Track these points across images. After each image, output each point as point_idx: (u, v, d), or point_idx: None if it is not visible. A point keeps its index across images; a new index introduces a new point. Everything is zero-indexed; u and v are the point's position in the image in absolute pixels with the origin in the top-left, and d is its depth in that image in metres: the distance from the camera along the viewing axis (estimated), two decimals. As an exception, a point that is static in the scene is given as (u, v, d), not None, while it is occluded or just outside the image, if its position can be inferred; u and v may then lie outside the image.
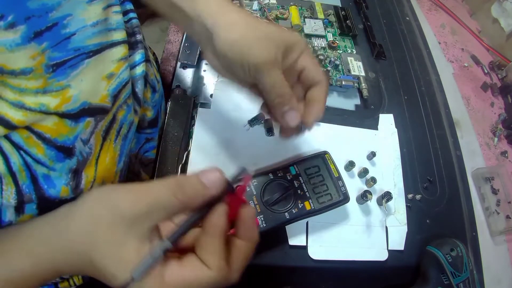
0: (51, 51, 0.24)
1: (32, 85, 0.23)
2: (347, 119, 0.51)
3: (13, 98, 0.22)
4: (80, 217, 0.24)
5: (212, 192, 0.25)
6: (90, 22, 0.27)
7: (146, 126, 0.39)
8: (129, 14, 0.34)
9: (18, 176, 0.24)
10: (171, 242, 0.24)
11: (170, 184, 0.24)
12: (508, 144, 0.62)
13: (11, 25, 0.21)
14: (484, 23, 0.78)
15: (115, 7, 0.31)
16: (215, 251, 0.24)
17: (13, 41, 0.22)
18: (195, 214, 0.25)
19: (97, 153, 0.30)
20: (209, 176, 0.25)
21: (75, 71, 0.26)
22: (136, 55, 0.33)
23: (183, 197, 0.24)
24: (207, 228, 0.25)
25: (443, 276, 0.39)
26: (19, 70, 0.22)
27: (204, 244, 0.25)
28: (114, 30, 0.30)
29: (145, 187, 0.24)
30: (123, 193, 0.24)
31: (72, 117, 0.26)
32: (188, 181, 0.25)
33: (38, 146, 0.24)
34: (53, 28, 0.24)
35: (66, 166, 0.26)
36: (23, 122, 0.23)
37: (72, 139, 0.26)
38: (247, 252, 0.27)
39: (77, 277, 0.36)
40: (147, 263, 0.23)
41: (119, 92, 0.30)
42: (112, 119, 0.30)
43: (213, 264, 0.24)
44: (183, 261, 0.25)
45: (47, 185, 0.25)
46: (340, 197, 0.40)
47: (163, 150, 0.43)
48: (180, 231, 0.25)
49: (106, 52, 0.29)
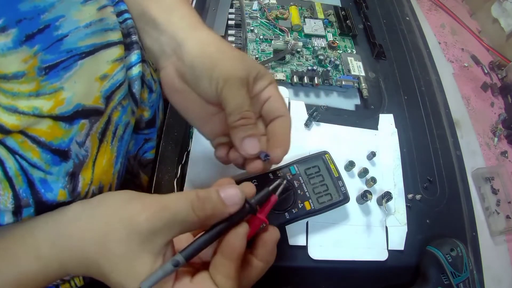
0: (44, 54, 0.24)
1: (25, 88, 0.23)
2: (347, 119, 0.51)
3: (6, 102, 0.22)
4: (93, 225, 0.24)
5: (231, 210, 0.25)
6: (83, 23, 0.27)
7: (144, 126, 0.39)
8: (124, 15, 0.33)
9: (14, 181, 0.24)
10: (185, 258, 0.24)
11: (189, 198, 0.24)
12: (508, 144, 0.62)
13: (2, 29, 0.21)
14: (484, 23, 0.78)
15: (110, 8, 0.30)
16: (229, 275, 0.24)
17: (4, 45, 0.21)
18: (212, 232, 0.25)
19: (94, 155, 0.29)
20: (229, 193, 0.25)
21: (68, 73, 0.25)
22: (132, 56, 0.33)
23: (202, 214, 0.24)
24: (225, 249, 0.24)
25: (443, 276, 0.39)
26: (11, 74, 0.22)
27: (220, 266, 0.24)
28: (111, 30, 0.30)
29: (163, 201, 0.24)
30: (140, 205, 0.24)
31: (66, 119, 0.26)
32: (209, 197, 0.24)
33: (34, 150, 0.24)
34: (45, 30, 0.24)
35: (62, 169, 0.26)
36: (17, 126, 0.23)
37: (67, 142, 0.26)
38: (261, 273, 0.26)
39: (78, 279, 0.35)
40: (157, 277, 0.22)
41: (112, 93, 0.30)
42: (107, 121, 0.30)
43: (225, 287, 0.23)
44: (195, 279, 0.24)
45: (44, 189, 0.25)
46: (340, 197, 0.40)
47: (163, 150, 0.43)
48: (194, 247, 0.24)
49: (100, 53, 0.28)
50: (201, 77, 0.30)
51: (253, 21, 0.59)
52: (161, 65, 0.33)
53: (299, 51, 0.56)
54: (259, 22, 0.59)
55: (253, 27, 0.58)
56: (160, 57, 0.33)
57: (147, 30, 0.33)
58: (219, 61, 0.29)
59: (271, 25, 0.59)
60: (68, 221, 0.25)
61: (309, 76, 0.52)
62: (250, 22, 0.58)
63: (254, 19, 0.59)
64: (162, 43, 0.32)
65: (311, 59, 0.56)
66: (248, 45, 0.55)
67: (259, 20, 0.59)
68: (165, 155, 0.43)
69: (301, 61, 0.56)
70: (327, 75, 0.53)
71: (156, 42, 0.33)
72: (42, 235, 0.25)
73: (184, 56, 0.30)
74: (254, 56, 0.54)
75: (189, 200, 0.24)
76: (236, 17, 0.57)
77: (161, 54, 0.33)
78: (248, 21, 0.58)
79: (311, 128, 0.48)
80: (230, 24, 0.57)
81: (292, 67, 0.54)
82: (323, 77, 0.53)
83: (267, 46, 0.56)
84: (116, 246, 0.23)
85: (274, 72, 0.53)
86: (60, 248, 0.24)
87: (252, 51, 0.55)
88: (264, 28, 0.58)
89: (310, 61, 0.56)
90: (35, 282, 0.25)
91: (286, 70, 0.54)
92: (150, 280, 0.22)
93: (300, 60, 0.56)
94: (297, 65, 0.55)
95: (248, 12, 0.59)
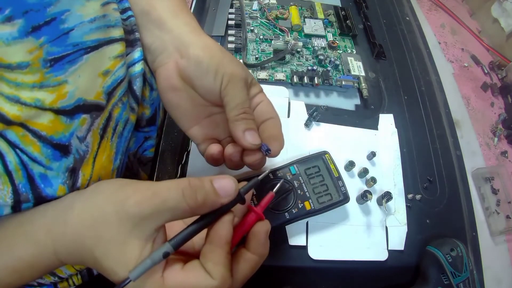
0: (50, 46, 0.24)
1: (29, 79, 0.23)
2: (347, 119, 0.51)
3: (9, 92, 0.22)
4: (85, 210, 0.25)
5: (224, 201, 0.25)
6: (88, 18, 0.27)
7: (144, 124, 0.39)
8: (128, 12, 0.34)
9: (14, 175, 0.24)
10: (173, 247, 0.24)
11: (181, 186, 0.24)
12: (508, 144, 0.62)
13: (8, 18, 0.21)
14: (484, 23, 0.78)
15: (113, 4, 0.31)
16: (219, 262, 0.24)
17: (10, 35, 0.21)
18: (202, 220, 0.25)
19: (94, 151, 0.29)
20: (223, 183, 0.25)
21: (73, 67, 0.26)
22: (135, 53, 0.33)
23: (193, 203, 0.24)
24: (212, 237, 0.25)
25: (443, 276, 0.39)
26: (16, 64, 0.22)
27: (209, 253, 0.24)
28: (113, 27, 0.30)
29: (154, 187, 0.24)
30: (131, 191, 0.24)
31: (67, 113, 0.26)
32: (201, 186, 0.24)
33: (34, 145, 0.24)
34: (51, 23, 0.24)
35: (63, 165, 0.26)
36: (19, 117, 0.23)
37: (67, 136, 0.26)
38: (254, 267, 0.26)
39: (76, 277, 0.36)
40: (145, 266, 0.23)
41: (113, 89, 0.30)
42: (108, 117, 0.30)
43: (216, 274, 0.23)
44: (186, 267, 0.24)
45: (43, 184, 0.25)
46: (340, 197, 0.40)
47: (163, 149, 0.43)
48: (183, 236, 0.24)
49: (104, 49, 0.29)
50: (207, 72, 0.31)
51: (253, 21, 0.59)
52: (161, 62, 0.33)
53: (299, 51, 0.56)
54: (259, 22, 0.59)
55: (253, 27, 0.58)
56: (161, 54, 0.33)
57: (149, 28, 0.34)
58: (224, 60, 0.31)
59: (271, 25, 0.59)
60: (64, 207, 0.25)
61: (309, 76, 0.52)
62: (250, 22, 0.58)
63: (254, 19, 0.59)
64: (165, 41, 0.33)
65: (311, 59, 0.56)
66: (248, 45, 0.55)
67: (259, 20, 0.59)
68: (165, 155, 0.43)
69: (301, 61, 0.56)
70: (327, 75, 0.53)
71: (158, 40, 0.33)
72: (40, 221, 0.25)
73: (190, 53, 0.31)
74: (254, 56, 0.54)
75: (181, 187, 0.24)
76: (236, 17, 0.57)
77: (162, 51, 0.33)
78: (248, 21, 0.58)
79: (311, 128, 0.48)
80: (230, 24, 0.57)
81: (292, 67, 0.54)
82: (323, 77, 0.53)
83: (267, 46, 0.56)
84: (107, 230, 0.23)
85: (274, 72, 0.53)
86: (55, 235, 0.24)
87: (252, 51, 0.55)
88: (264, 28, 0.58)
89: (310, 61, 0.56)
90: (31, 269, 0.25)
91: (286, 70, 0.54)
92: (138, 269, 0.22)
93: (300, 60, 0.56)
94: (297, 65, 0.55)
95: (248, 12, 0.59)
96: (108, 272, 0.24)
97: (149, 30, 0.34)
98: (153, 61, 0.34)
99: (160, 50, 0.33)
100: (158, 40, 0.33)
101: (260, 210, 0.28)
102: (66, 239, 0.24)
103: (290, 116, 0.49)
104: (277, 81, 0.52)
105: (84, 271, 0.36)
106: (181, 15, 0.34)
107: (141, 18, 0.34)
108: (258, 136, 0.31)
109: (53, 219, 0.25)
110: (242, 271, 0.26)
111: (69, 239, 0.24)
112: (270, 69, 0.53)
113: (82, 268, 0.35)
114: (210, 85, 0.31)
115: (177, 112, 0.34)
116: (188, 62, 0.31)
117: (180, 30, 0.33)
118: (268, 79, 0.52)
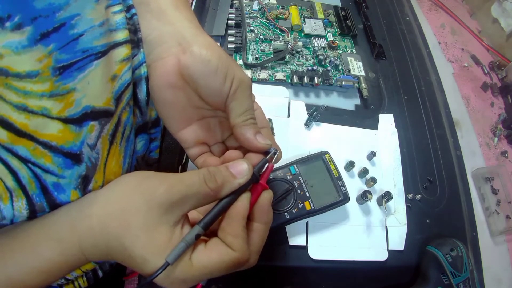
0: (59, 53, 0.23)
1: (38, 88, 0.22)
2: (347, 119, 0.51)
3: (17, 101, 0.22)
4: (111, 202, 0.25)
5: (241, 181, 0.27)
6: (97, 22, 0.26)
7: (150, 126, 0.39)
8: (132, 10, 0.32)
9: (28, 188, 0.24)
10: (203, 228, 0.26)
11: (202, 173, 0.26)
12: (508, 144, 0.62)
13: (18, 25, 0.20)
14: (484, 23, 0.78)
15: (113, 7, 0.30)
16: (238, 234, 0.26)
17: (19, 43, 0.21)
18: (223, 202, 0.27)
19: (104, 157, 0.29)
20: (238, 167, 0.28)
21: (82, 73, 0.25)
22: (140, 55, 0.32)
23: (214, 186, 0.26)
24: (232, 213, 0.27)
25: (443, 276, 0.39)
26: (25, 73, 0.22)
27: (228, 228, 0.26)
28: (115, 30, 0.29)
29: (178, 176, 0.26)
30: (157, 180, 0.26)
31: (75, 122, 0.25)
32: (219, 171, 0.27)
33: (46, 156, 0.24)
34: (60, 29, 0.23)
35: (75, 173, 0.26)
36: (26, 125, 0.22)
37: (78, 145, 0.26)
38: (263, 235, 0.28)
39: (82, 279, 0.35)
40: (180, 249, 0.24)
41: (121, 94, 0.29)
42: (117, 122, 0.30)
43: (237, 246, 0.25)
44: (208, 245, 0.26)
45: (57, 192, 0.25)
46: (340, 197, 0.40)
47: (163, 150, 0.43)
48: (210, 217, 0.26)
49: (111, 53, 0.28)
50: (215, 73, 0.29)
51: (253, 21, 0.59)
52: (158, 56, 0.31)
53: (299, 51, 0.56)
54: (259, 22, 0.59)
55: (253, 27, 0.58)
56: (159, 47, 0.31)
57: (146, 17, 0.32)
58: (232, 63, 0.30)
59: (271, 25, 0.59)
60: (87, 203, 0.26)
61: (309, 76, 0.52)
62: (250, 22, 0.58)
63: (254, 19, 0.59)
64: (164, 33, 0.31)
65: (311, 59, 0.56)
66: (248, 45, 0.55)
67: (259, 20, 0.59)
68: (165, 155, 0.43)
69: (301, 61, 0.56)
70: (327, 75, 0.53)
71: (156, 31, 0.31)
72: (63, 219, 0.25)
73: (195, 50, 0.30)
74: (254, 56, 0.54)
75: (202, 174, 0.26)
76: (236, 17, 0.57)
77: (160, 44, 0.31)
78: (248, 21, 0.58)
79: (311, 128, 0.48)
80: (230, 24, 0.57)
81: (292, 67, 0.54)
82: (323, 77, 0.53)
83: (267, 46, 0.56)
84: (136, 219, 0.24)
85: (274, 72, 0.53)
86: (80, 230, 0.25)
87: (252, 51, 0.55)
88: (264, 28, 0.58)
89: (310, 61, 0.56)
90: (58, 270, 0.25)
91: (286, 70, 0.54)
92: (174, 253, 0.24)
93: (300, 60, 0.56)
94: (297, 65, 0.55)
95: (248, 12, 0.59)
96: (137, 260, 0.24)
97: (146, 20, 0.32)
98: (149, 54, 0.32)
99: (158, 43, 0.31)
100: (156, 31, 0.31)
101: (263, 181, 0.30)
102: (92, 232, 0.25)
103: (290, 116, 0.49)
104: (277, 81, 0.52)
105: (90, 273, 0.36)
106: (182, 9, 0.33)
107: (139, 7, 0.32)
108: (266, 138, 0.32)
109: (76, 215, 0.25)
110: (254, 242, 0.27)
111: (95, 232, 0.24)
112: (270, 69, 0.53)
113: (88, 270, 0.35)
114: (218, 86, 0.30)
115: (169, 111, 0.32)
116: (193, 59, 0.29)
117: (181, 24, 0.31)
118: (268, 79, 0.52)
